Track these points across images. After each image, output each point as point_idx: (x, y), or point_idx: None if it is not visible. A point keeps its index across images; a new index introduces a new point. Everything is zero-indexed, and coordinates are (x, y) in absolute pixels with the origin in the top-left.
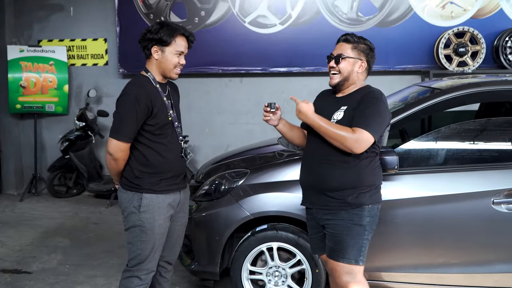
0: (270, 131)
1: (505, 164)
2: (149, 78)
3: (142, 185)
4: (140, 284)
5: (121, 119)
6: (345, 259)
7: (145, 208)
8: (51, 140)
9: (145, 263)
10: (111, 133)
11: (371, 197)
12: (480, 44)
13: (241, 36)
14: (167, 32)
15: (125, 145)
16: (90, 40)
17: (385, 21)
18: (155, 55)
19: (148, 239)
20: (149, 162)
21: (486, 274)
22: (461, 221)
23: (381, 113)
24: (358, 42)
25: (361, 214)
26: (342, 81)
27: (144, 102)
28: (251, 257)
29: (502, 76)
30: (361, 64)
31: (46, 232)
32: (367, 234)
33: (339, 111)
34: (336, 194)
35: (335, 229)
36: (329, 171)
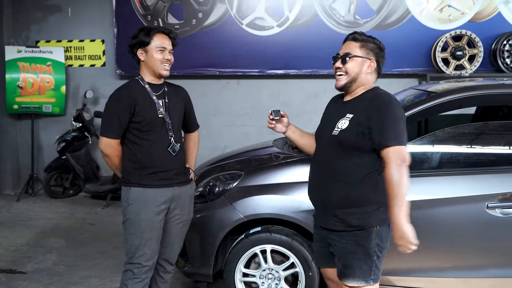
0: (267, 133)
1: (500, 169)
2: (138, 80)
3: (131, 179)
4: (133, 278)
5: (105, 117)
6: (354, 281)
7: (132, 201)
8: (48, 140)
9: (136, 257)
10: (100, 132)
11: (379, 216)
12: (477, 47)
13: (239, 38)
14: (144, 33)
15: (111, 141)
16: (87, 41)
17: (382, 24)
18: (140, 57)
19: (135, 232)
20: (136, 157)
21: (480, 278)
22: (455, 225)
23: (399, 118)
24: (367, 41)
25: (367, 237)
26: (349, 82)
27: (125, 101)
28: (244, 260)
29: (499, 80)
30: (370, 64)
31: (42, 233)
32: (377, 253)
33: (344, 119)
34: (338, 212)
35: (341, 252)
36: (333, 187)
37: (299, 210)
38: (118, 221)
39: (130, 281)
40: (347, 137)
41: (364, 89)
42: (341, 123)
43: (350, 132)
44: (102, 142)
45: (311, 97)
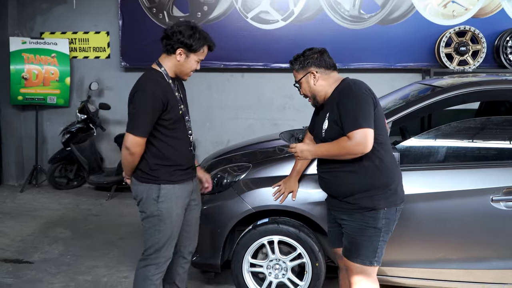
0: (270, 126)
1: (505, 162)
2: (162, 74)
3: (159, 176)
4: (157, 273)
5: (138, 115)
6: (359, 259)
7: (163, 198)
8: (52, 132)
9: (163, 251)
10: (128, 128)
11: (388, 199)
12: (481, 43)
13: (243, 31)
14: (198, 42)
15: (142, 140)
16: (92, 33)
17: (387, 19)
18: (178, 57)
19: (166, 228)
20: (165, 155)
21: (484, 270)
22: (460, 218)
23: (358, 102)
24: (297, 62)
25: (376, 217)
26: (314, 99)
27: (160, 98)
28: (252, 250)
29: (502, 75)
30: (314, 76)
31: (47, 223)
32: (383, 236)
33: (325, 121)
34: (349, 199)
35: (350, 230)
36: (337, 179)
37: (306, 202)
38: (123, 212)
39: (155, 275)
40: (332, 134)
41: (332, 87)
42: (324, 124)
43: (332, 129)
44: (131, 140)
45: None
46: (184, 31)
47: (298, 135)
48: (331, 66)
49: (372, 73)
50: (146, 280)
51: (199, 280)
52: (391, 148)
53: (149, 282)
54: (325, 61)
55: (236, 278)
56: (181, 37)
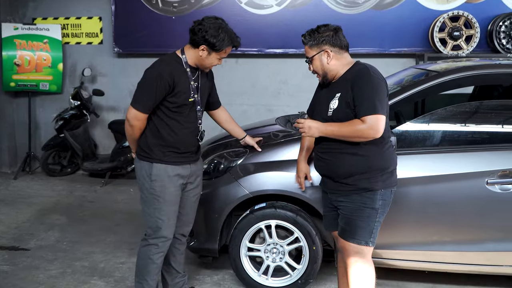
0: (265, 112)
1: (500, 146)
2: (181, 60)
3: (152, 155)
4: (158, 252)
5: (142, 91)
6: (355, 239)
7: (155, 177)
8: (45, 118)
9: (162, 231)
10: (132, 102)
11: (385, 181)
12: (474, 28)
13: (237, 16)
14: (222, 42)
15: (141, 115)
16: (84, 18)
17: (381, 4)
18: (200, 52)
19: (161, 206)
20: (161, 135)
21: (478, 252)
22: (455, 200)
23: (376, 88)
24: (311, 38)
25: (374, 198)
26: (324, 77)
27: (166, 79)
28: (249, 235)
29: (495, 59)
30: (328, 54)
31: (42, 210)
32: (379, 216)
33: (334, 99)
34: (348, 180)
35: (347, 210)
36: (336, 160)
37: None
38: (118, 199)
39: (156, 255)
40: (341, 115)
41: (345, 68)
42: (333, 103)
43: (342, 109)
44: (132, 112)
45: (309, 77)
46: (210, 29)
47: (302, 113)
48: (345, 46)
49: (367, 58)
50: (147, 259)
51: (197, 264)
52: (390, 133)
53: (150, 262)
54: (340, 40)
55: (234, 262)
56: (206, 35)
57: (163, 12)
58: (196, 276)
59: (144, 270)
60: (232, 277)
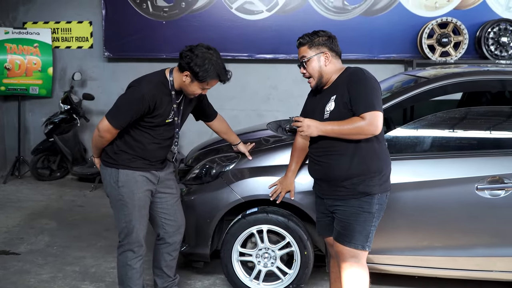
0: (255, 117)
1: (489, 152)
2: (168, 82)
3: (118, 161)
4: (135, 257)
5: (121, 108)
6: (352, 243)
7: (122, 183)
8: (35, 122)
9: (133, 236)
10: (108, 114)
11: (381, 185)
12: (462, 34)
13: (228, 22)
14: (206, 73)
15: (114, 130)
16: (75, 22)
17: (370, 10)
18: (184, 78)
19: (130, 212)
20: (131, 145)
21: (468, 257)
22: (445, 206)
23: (373, 87)
24: (311, 39)
25: (371, 202)
26: (318, 81)
27: (147, 102)
28: (241, 239)
29: (483, 66)
30: (326, 56)
31: (32, 214)
32: (375, 221)
33: (330, 102)
34: (345, 183)
35: (344, 215)
36: (333, 162)
37: (295, 191)
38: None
39: (133, 260)
40: (338, 115)
41: (336, 74)
42: (329, 106)
43: (339, 110)
44: (104, 124)
45: (299, 82)
46: (196, 58)
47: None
48: (339, 54)
49: (356, 63)
50: (126, 266)
51: (188, 269)
52: (384, 135)
53: (129, 268)
54: (336, 46)
55: (226, 267)
56: (191, 62)
57: (153, 17)
58: (187, 281)
59: (125, 277)
60: (223, 282)
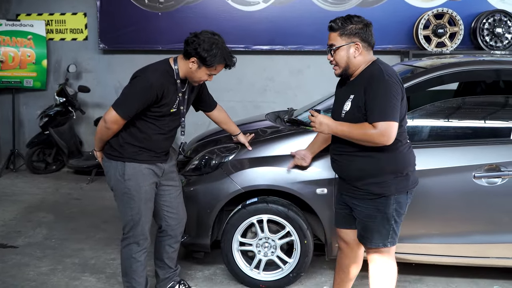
0: (252, 108)
1: (486, 140)
2: (173, 71)
3: (124, 153)
4: (139, 250)
5: (128, 97)
6: (372, 243)
7: (129, 176)
8: (29, 115)
9: (139, 229)
10: (115, 105)
11: (398, 185)
12: (458, 25)
13: (224, 13)
14: (214, 58)
15: (122, 120)
16: (69, 14)
17: (367, 1)
18: (190, 64)
19: (136, 205)
20: (134, 135)
21: (465, 244)
22: (443, 194)
23: (389, 93)
24: (343, 26)
25: (387, 203)
26: (344, 70)
27: (155, 91)
28: (241, 229)
29: (479, 56)
30: (356, 47)
31: (29, 207)
32: (395, 219)
33: (348, 101)
34: (358, 183)
35: (361, 215)
36: (348, 162)
37: (295, 181)
38: (104, 195)
39: (138, 253)
40: (352, 118)
41: (365, 65)
42: (346, 105)
43: (354, 112)
44: (112, 115)
45: (295, 73)
46: (203, 43)
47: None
48: (372, 45)
49: None
50: (130, 258)
51: (188, 259)
52: (406, 135)
53: (134, 260)
54: (370, 35)
55: (226, 257)
56: (198, 48)
57: (149, 8)
58: (187, 271)
59: (129, 270)
60: (224, 272)
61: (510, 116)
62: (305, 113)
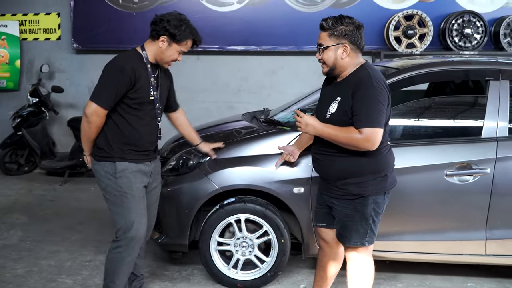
0: (226, 109)
1: (457, 139)
2: (142, 56)
3: (113, 153)
4: (132, 254)
5: (103, 85)
6: (351, 242)
7: (120, 173)
8: (2, 116)
9: (133, 230)
10: (92, 97)
11: (376, 186)
12: (427, 26)
13: (198, 13)
14: (183, 34)
15: (102, 111)
16: (42, 14)
17: (339, 3)
18: (160, 43)
19: (130, 203)
20: (121, 131)
21: (438, 241)
22: (416, 192)
23: (377, 99)
24: (334, 27)
25: (365, 203)
26: (330, 70)
27: (128, 73)
28: (219, 229)
29: (448, 57)
30: (344, 49)
31: (2, 209)
32: (373, 219)
33: (334, 103)
34: (337, 183)
35: (340, 214)
36: (328, 162)
37: (272, 181)
38: (79, 197)
39: (129, 257)
40: (338, 120)
41: (353, 68)
42: (332, 106)
43: (339, 115)
44: (91, 107)
45: (269, 74)
46: (172, 20)
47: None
48: (361, 48)
49: None
50: (118, 262)
51: (165, 260)
52: (388, 137)
53: (122, 265)
54: (360, 38)
55: (204, 257)
56: (167, 25)
57: (123, 8)
58: (165, 272)
59: (113, 273)
60: (201, 272)
61: (480, 115)
62: (280, 113)
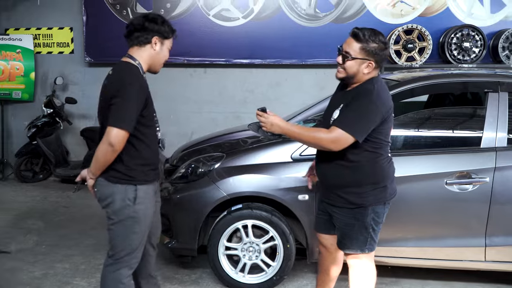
0: (233, 119)
1: (458, 149)
2: (138, 68)
3: (136, 176)
4: (129, 275)
5: (126, 108)
6: (351, 249)
7: (140, 199)
8: (17, 126)
9: (135, 253)
10: (115, 122)
11: (376, 196)
12: (427, 40)
13: (206, 28)
14: (169, 28)
15: (127, 134)
16: (56, 28)
17: (340, 18)
18: (154, 46)
19: (141, 230)
20: (142, 155)
21: (438, 248)
22: (417, 200)
23: (365, 110)
24: (367, 42)
25: (364, 213)
26: (346, 78)
27: (144, 92)
28: (227, 234)
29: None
30: (369, 65)
31: (18, 215)
32: (373, 228)
33: (337, 110)
34: (337, 191)
35: (340, 223)
36: (327, 169)
37: (277, 188)
38: (91, 203)
39: (127, 278)
40: None
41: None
42: (335, 113)
43: None
44: (120, 135)
45: (274, 86)
46: (156, 19)
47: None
48: (381, 67)
49: (328, 68)
50: (118, 284)
51: (175, 264)
52: (388, 149)
53: (122, 285)
54: (385, 59)
55: (212, 261)
56: (154, 26)
57: None
58: (175, 275)
59: None
60: (210, 276)
61: (479, 126)
62: None
